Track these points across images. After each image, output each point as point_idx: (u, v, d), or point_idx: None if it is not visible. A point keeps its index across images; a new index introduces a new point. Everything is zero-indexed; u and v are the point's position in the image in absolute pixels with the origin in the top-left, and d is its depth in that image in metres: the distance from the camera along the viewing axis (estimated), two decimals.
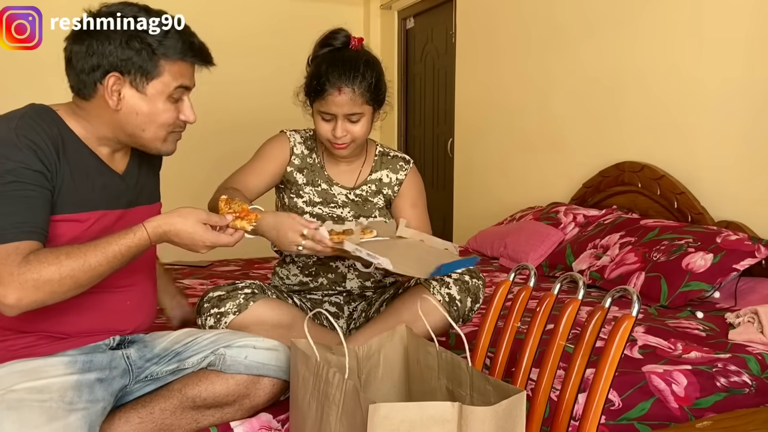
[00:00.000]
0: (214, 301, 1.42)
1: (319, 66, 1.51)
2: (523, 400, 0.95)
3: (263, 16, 4.35)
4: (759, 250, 1.98)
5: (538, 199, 3.17)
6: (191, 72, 1.18)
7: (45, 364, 1.11)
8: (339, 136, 1.51)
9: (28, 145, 1.05)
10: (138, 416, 1.17)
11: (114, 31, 1.10)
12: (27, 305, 1.00)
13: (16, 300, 0.99)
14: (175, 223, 1.10)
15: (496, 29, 3.51)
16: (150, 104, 1.14)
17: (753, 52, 2.17)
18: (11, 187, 1.03)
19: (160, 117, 1.15)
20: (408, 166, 1.69)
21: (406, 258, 1.28)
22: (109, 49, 1.10)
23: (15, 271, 0.98)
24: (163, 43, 1.12)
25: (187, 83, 1.17)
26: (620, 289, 1.07)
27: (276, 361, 1.25)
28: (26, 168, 1.04)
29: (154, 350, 1.27)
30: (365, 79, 1.49)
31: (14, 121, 1.08)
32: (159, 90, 1.13)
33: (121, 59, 1.10)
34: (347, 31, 1.56)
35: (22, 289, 0.98)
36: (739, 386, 1.46)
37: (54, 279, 1.00)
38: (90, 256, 1.04)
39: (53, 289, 1.01)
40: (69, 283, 1.02)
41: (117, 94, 1.12)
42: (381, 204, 1.68)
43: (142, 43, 1.10)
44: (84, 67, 1.11)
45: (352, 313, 1.68)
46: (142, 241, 1.09)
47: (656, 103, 2.54)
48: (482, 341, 1.27)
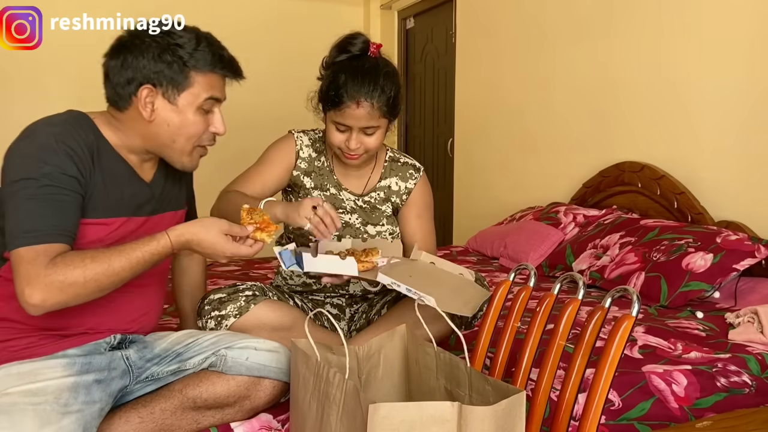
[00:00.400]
0: (215, 304, 1.41)
1: (337, 75, 1.47)
2: (523, 400, 0.95)
3: (263, 16, 4.36)
4: (759, 250, 1.98)
5: (538, 199, 3.17)
6: (221, 84, 1.22)
7: (43, 366, 1.11)
8: (353, 149, 1.49)
9: (66, 151, 1.09)
10: (138, 416, 1.17)
11: (147, 46, 1.15)
12: (51, 306, 1.03)
13: (41, 300, 1.01)
14: (198, 232, 1.14)
15: (496, 29, 3.51)
16: (181, 116, 1.18)
17: (753, 52, 2.17)
18: (46, 191, 1.06)
19: (190, 128, 1.19)
20: (418, 175, 1.67)
21: (443, 293, 1.27)
22: (143, 63, 1.14)
23: (42, 273, 1.01)
24: (194, 56, 1.16)
25: (217, 95, 1.21)
26: (620, 289, 1.07)
27: (277, 362, 1.25)
28: (62, 173, 1.08)
29: (155, 350, 1.27)
30: (384, 93, 1.46)
31: (55, 127, 1.12)
32: (189, 101, 1.17)
33: (154, 72, 1.15)
34: (365, 36, 1.52)
35: (48, 291, 1.01)
36: (739, 386, 1.46)
37: (79, 282, 1.03)
38: (114, 261, 1.07)
39: (77, 291, 1.04)
40: (92, 287, 1.05)
41: (150, 106, 1.16)
42: (389, 212, 1.66)
43: (174, 56, 1.15)
44: (119, 80, 1.16)
45: (353, 315, 1.68)
46: (165, 249, 1.12)
47: (656, 103, 2.54)
48: (482, 341, 1.27)
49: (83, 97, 3.84)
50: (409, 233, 1.66)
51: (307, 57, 4.15)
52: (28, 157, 1.07)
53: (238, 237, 1.17)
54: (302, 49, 4.35)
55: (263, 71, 4.26)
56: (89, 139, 1.14)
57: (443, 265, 1.47)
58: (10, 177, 1.07)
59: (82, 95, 4.09)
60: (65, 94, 3.89)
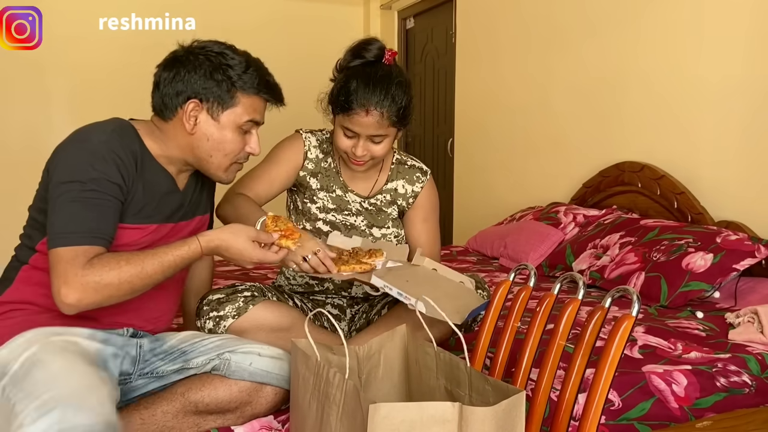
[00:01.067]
0: (214, 304, 1.41)
1: (349, 80, 1.46)
2: (523, 400, 0.95)
3: (264, 16, 4.35)
4: (759, 250, 1.98)
5: (538, 199, 3.17)
6: (263, 108, 1.29)
7: (68, 331, 1.14)
8: (359, 156, 1.49)
9: (114, 159, 1.14)
10: (140, 418, 1.18)
11: (201, 63, 1.21)
12: (85, 306, 1.07)
13: (77, 300, 1.06)
14: (227, 239, 1.19)
15: (496, 29, 3.51)
16: (221, 132, 1.24)
17: (753, 51, 2.17)
18: (90, 194, 1.11)
19: (228, 145, 1.25)
20: (425, 178, 1.66)
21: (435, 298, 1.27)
22: (194, 78, 1.21)
23: (79, 273, 1.05)
24: (242, 78, 1.23)
25: (257, 118, 1.27)
26: (620, 289, 1.07)
27: (279, 369, 1.26)
28: (107, 179, 1.13)
29: (164, 346, 1.29)
30: (395, 103, 1.45)
31: (105, 135, 1.16)
32: (231, 120, 1.24)
33: (203, 88, 1.21)
34: (381, 42, 1.51)
35: (84, 291, 1.05)
36: (739, 386, 1.46)
37: (113, 283, 1.08)
38: (147, 265, 1.11)
39: (111, 293, 1.08)
40: (126, 288, 1.10)
41: (194, 119, 1.22)
42: (394, 215, 1.65)
43: (224, 75, 1.21)
44: (169, 91, 1.22)
45: (353, 316, 1.68)
46: (195, 253, 1.17)
47: (656, 103, 2.54)
48: (482, 341, 1.27)
49: (83, 98, 3.86)
50: (414, 236, 1.66)
51: (307, 57, 4.16)
52: (78, 162, 1.12)
53: (263, 243, 1.22)
54: (302, 49, 4.36)
55: None
56: (134, 149, 1.19)
57: (445, 272, 1.47)
58: (58, 178, 1.11)
59: (82, 95, 4.11)
60: (65, 94, 3.89)
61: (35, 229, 1.19)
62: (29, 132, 3.86)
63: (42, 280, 1.16)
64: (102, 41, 3.76)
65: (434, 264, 1.49)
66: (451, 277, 1.47)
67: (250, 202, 1.49)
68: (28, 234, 1.22)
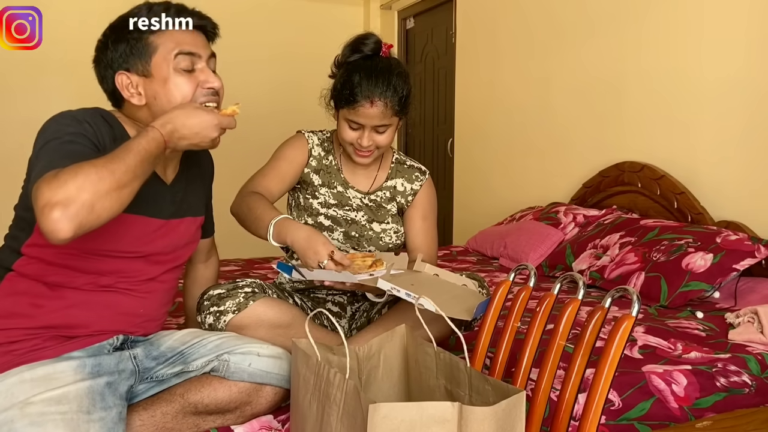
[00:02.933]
0: (214, 299, 1.42)
1: (352, 74, 1.50)
2: (523, 400, 0.95)
3: (264, 16, 4.36)
4: (759, 250, 1.98)
5: (538, 199, 3.17)
6: (189, 39, 1.18)
7: (54, 370, 1.10)
8: (365, 146, 1.53)
9: (91, 123, 1.10)
10: (139, 419, 1.17)
11: (107, 37, 1.18)
12: (76, 211, 0.89)
13: (63, 208, 0.88)
14: (178, 114, 1.09)
15: (497, 29, 3.51)
16: (162, 84, 1.15)
17: (753, 51, 2.17)
18: (69, 145, 1.04)
19: (176, 90, 1.16)
20: (424, 177, 1.70)
21: (443, 301, 1.27)
22: (110, 54, 1.17)
23: (52, 183, 0.90)
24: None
25: (188, 49, 1.17)
26: (620, 289, 1.07)
27: (279, 369, 1.25)
28: (84, 135, 1.07)
29: (160, 348, 1.27)
30: (397, 93, 1.51)
31: (82, 110, 1.13)
32: (160, 65, 1.15)
33: (119, 56, 1.16)
34: (377, 36, 1.57)
35: (66, 193, 0.89)
36: (739, 386, 1.46)
37: (92, 175, 0.91)
38: (118, 153, 0.98)
39: (96, 187, 0.91)
40: (108, 179, 0.93)
41: (134, 90, 1.17)
42: (394, 211, 1.69)
43: (127, 32, 1.16)
44: (105, 79, 1.19)
45: (354, 314, 1.68)
46: (157, 137, 1.05)
47: (656, 103, 2.54)
48: (482, 341, 1.27)
49: (83, 97, 3.85)
50: (413, 234, 1.69)
51: (307, 57, 4.16)
52: (55, 128, 1.07)
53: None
54: (302, 49, 4.36)
55: (263, 71, 4.27)
56: (116, 133, 1.14)
57: (447, 276, 1.49)
58: (36, 147, 1.05)
59: (82, 95, 4.10)
60: (65, 94, 3.89)
61: (22, 230, 1.14)
62: (29, 132, 3.86)
63: (29, 289, 1.12)
64: None
65: (435, 269, 1.52)
66: (453, 281, 1.48)
67: (263, 201, 1.50)
68: (13, 235, 1.16)
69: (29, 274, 1.14)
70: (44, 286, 1.14)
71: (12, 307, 1.13)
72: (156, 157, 1.06)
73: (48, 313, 1.13)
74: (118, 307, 1.20)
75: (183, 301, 1.59)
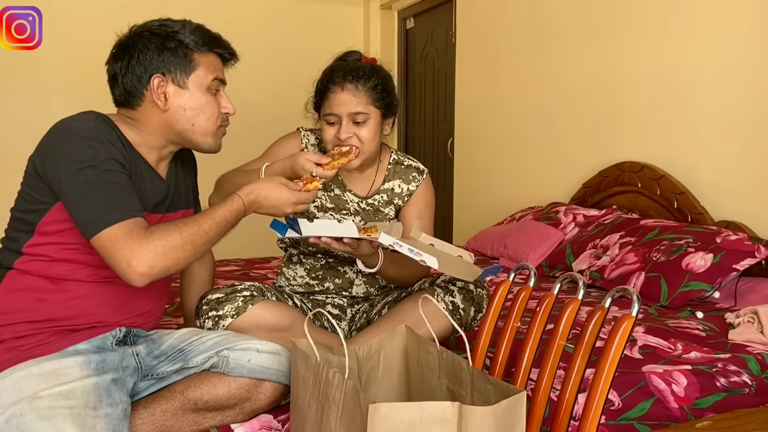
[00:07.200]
0: (213, 304, 1.41)
1: (324, 71, 1.54)
2: (523, 400, 0.95)
3: (264, 17, 4.35)
4: (759, 250, 1.98)
5: (538, 199, 3.17)
6: (221, 66, 1.29)
7: (61, 365, 1.11)
8: (343, 138, 1.48)
9: (110, 142, 1.14)
10: (139, 418, 1.18)
11: (149, 39, 1.20)
12: (157, 273, 1.07)
13: (149, 267, 1.05)
14: (263, 187, 1.24)
15: (496, 29, 3.51)
16: (193, 98, 1.23)
17: (753, 51, 2.17)
18: (108, 176, 1.10)
19: (207, 108, 1.24)
20: (421, 177, 1.67)
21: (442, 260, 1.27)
22: (149, 56, 1.20)
23: (144, 241, 1.06)
24: (193, 38, 1.22)
25: (221, 76, 1.27)
26: (620, 289, 1.07)
27: (278, 365, 1.26)
28: (114, 159, 1.13)
29: (162, 347, 1.28)
30: (369, 80, 1.50)
31: (90, 122, 1.16)
32: (198, 83, 1.23)
33: (161, 61, 1.20)
34: (361, 53, 1.59)
35: (154, 256, 1.06)
36: (739, 386, 1.46)
37: (178, 244, 1.09)
38: (203, 223, 1.14)
39: (177, 255, 1.09)
40: (189, 249, 1.11)
41: (163, 95, 1.21)
42: (392, 214, 1.67)
43: (176, 41, 1.21)
44: (130, 79, 1.21)
45: (354, 316, 1.68)
46: (239, 207, 1.20)
47: (656, 103, 2.54)
48: (482, 341, 1.27)
49: (83, 97, 3.85)
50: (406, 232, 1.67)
51: (307, 57, 4.14)
52: (79, 149, 1.10)
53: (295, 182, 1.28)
54: (303, 49, 4.35)
55: (262, 71, 4.26)
56: (118, 136, 1.18)
57: (442, 246, 1.48)
58: (67, 170, 1.09)
59: (82, 95, 4.10)
60: (65, 94, 3.89)
61: (21, 231, 1.16)
62: (29, 132, 3.85)
63: (32, 285, 1.14)
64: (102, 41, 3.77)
65: (431, 239, 1.50)
66: (448, 251, 1.47)
67: (239, 172, 1.50)
68: (12, 237, 1.18)
69: (31, 270, 1.15)
70: (47, 280, 1.16)
71: (16, 303, 1.15)
72: (233, 225, 1.20)
73: (52, 305, 1.15)
74: (120, 298, 1.21)
75: (180, 300, 1.59)
